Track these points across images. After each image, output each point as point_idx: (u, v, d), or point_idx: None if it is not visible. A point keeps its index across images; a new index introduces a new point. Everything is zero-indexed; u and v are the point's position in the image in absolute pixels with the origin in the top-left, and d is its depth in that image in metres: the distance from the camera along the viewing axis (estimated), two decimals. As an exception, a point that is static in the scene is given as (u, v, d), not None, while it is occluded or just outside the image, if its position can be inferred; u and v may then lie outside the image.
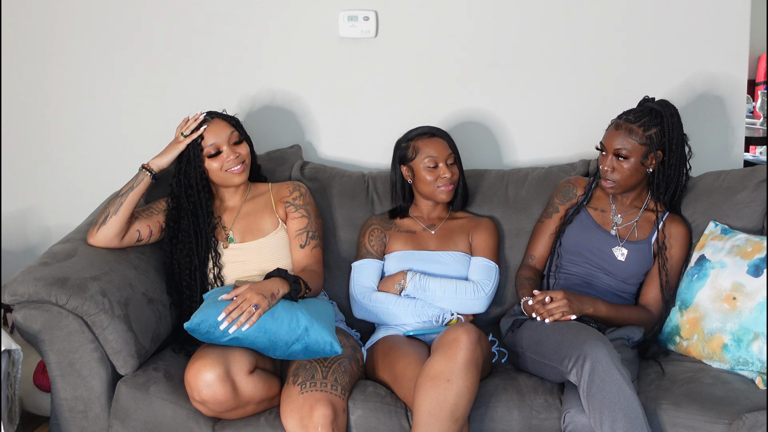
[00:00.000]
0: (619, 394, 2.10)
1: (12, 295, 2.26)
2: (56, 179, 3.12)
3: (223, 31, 3.01)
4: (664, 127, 2.51)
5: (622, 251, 2.55)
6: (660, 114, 2.52)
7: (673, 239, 2.56)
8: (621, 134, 2.51)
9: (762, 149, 5.34)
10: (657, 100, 2.57)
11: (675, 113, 2.55)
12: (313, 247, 2.53)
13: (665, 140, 2.52)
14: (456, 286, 2.56)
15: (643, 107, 2.55)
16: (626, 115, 2.55)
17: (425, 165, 2.63)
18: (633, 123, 2.51)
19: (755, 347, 2.30)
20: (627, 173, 2.52)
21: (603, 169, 2.54)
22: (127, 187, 2.45)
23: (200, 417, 2.24)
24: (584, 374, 2.13)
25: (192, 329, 2.22)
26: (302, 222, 2.54)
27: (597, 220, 2.61)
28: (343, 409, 2.20)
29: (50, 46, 3.04)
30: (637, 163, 2.51)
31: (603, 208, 2.63)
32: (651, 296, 2.55)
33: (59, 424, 2.32)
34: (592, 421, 2.12)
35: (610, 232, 2.59)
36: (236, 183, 2.54)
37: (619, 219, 2.60)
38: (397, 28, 2.98)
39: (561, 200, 2.68)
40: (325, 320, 2.27)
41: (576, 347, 2.19)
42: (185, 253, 2.49)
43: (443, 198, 2.65)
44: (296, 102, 3.04)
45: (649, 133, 2.50)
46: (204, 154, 2.49)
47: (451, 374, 2.12)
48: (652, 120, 2.51)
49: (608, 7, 2.94)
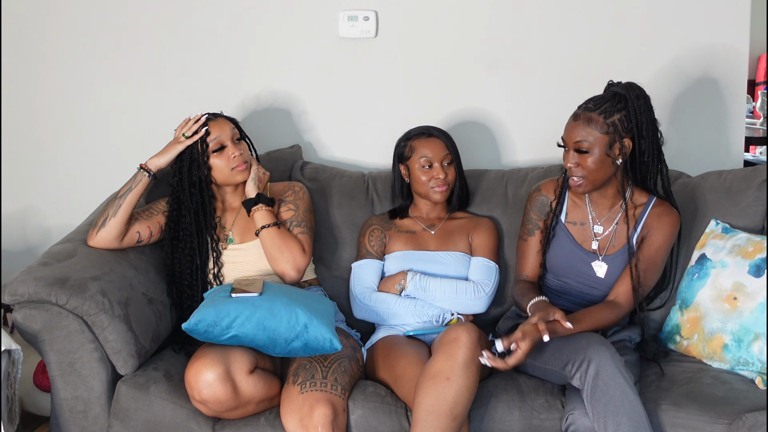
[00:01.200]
0: (623, 398, 2.09)
1: (12, 295, 2.26)
2: (56, 179, 3.12)
3: (222, 32, 3.01)
4: (629, 111, 2.29)
5: (601, 267, 2.43)
6: (623, 97, 2.30)
7: (653, 228, 2.39)
8: (579, 125, 2.30)
9: (762, 149, 5.34)
10: (622, 83, 2.35)
11: (641, 95, 2.32)
12: (298, 233, 2.53)
13: (632, 126, 2.30)
14: (456, 286, 2.56)
15: (605, 93, 2.34)
16: (585, 103, 2.34)
17: (420, 165, 2.63)
18: (592, 111, 2.29)
19: (756, 347, 2.30)
20: (592, 167, 2.31)
21: (566, 167, 2.35)
22: (126, 188, 2.45)
23: (200, 417, 2.24)
24: (588, 378, 2.12)
25: (190, 329, 2.22)
26: (288, 214, 2.55)
27: (576, 237, 2.47)
28: (343, 409, 2.20)
29: (50, 47, 3.04)
30: (601, 155, 2.30)
31: (581, 220, 2.47)
32: (621, 290, 2.38)
33: (59, 424, 2.32)
34: (596, 425, 2.11)
35: (590, 247, 2.46)
36: (240, 181, 2.53)
37: (599, 229, 2.45)
38: (397, 28, 2.98)
39: (538, 215, 2.52)
40: (324, 317, 2.27)
41: (579, 351, 2.17)
42: (187, 253, 2.49)
43: (437, 198, 2.65)
44: (296, 102, 3.04)
45: (611, 119, 2.28)
46: (210, 149, 2.49)
47: (450, 373, 2.13)
48: (615, 105, 2.29)
49: (607, 7, 2.94)
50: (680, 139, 2.94)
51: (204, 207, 2.51)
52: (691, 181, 2.69)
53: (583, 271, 2.46)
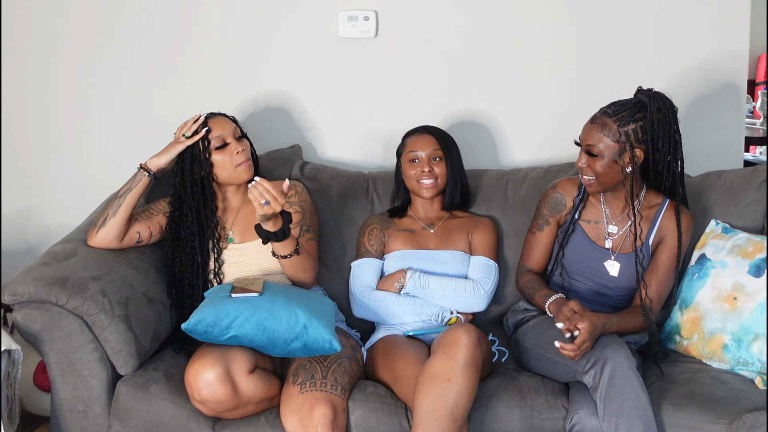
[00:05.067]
0: (637, 401, 2.10)
1: (12, 295, 2.26)
2: (56, 179, 3.12)
3: (223, 32, 3.01)
4: (646, 123, 2.30)
5: (614, 266, 2.44)
6: (645, 107, 2.30)
7: (670, 231, 2.41)
8: (594, 129, 2.32)
9: (762, 149, 5.34)
10: (650, 91, 2.35)
11: (663, 107, 2.31)
12: (307, 240, 2.52)
13: (647, 137, 2.30)
14: (456, 284, 2.56)
15: (630, 99, 2.35)
16: (607, 107, 2.35)
17: (408, 159, 2.67)
18: (610, 117, 2.30)
19: (755, 348, 2.30)
20: (600, 171, 2.33)
21: (578, 166, 2.38)
22: (126, 187, 2.45)
23: (200, 417, 2.24)
24: (604, 378, 2.12)
25: (190, 330, 2.22)
26: (296, 217, 2.54)
27: (590, 235, 2.48)
28: (343, 409, 2.20)
29: (51, 47, 3.04)
30: (609, 162, 2.32)
31: (596, 218, 2.48)
32: (648, 294, 2.41)
33: (59, 424, 2.32)
34: (606, 425, 2.11)
35: (604, 245, 2.46)
36: (245, 179, 2.52)
37: (613, 228, 2.47)
38: (397, 28, 2.98)
39: (550, 212, 2.53)
40: (324, 317, 2.27)
41: (596, 350, 2.18)
42: (188, 251, 2.49)
43: (424, 194, 2.65)
44: (296, 102, 3.04)
45: (625, 129, 2.29)
46: (211, 146, 2.49)
47: (451, 374, 2.12)
48: (633, 114, 2.30)
49: (607, 7, 2.94)
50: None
51: (206, 205, 2.51)
52: (691, 181, 2.69)
53: (597, 269, 2.46)
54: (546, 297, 2.41)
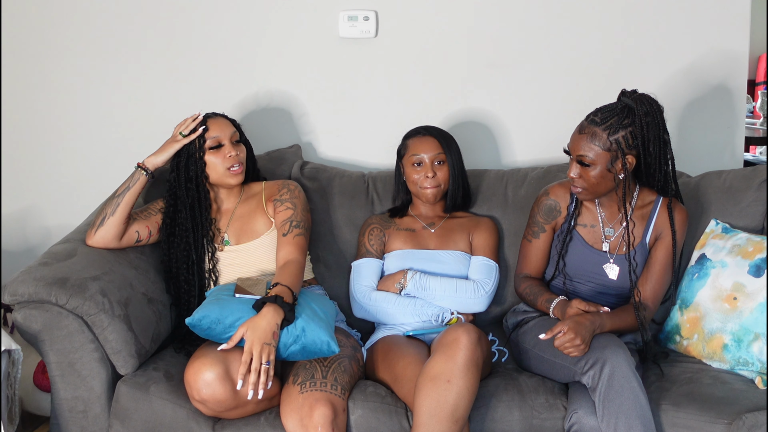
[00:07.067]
0: (636, 402, 2.10)
1: (12, 295, 2.26)
2: (56, 179, 3.12)
3: (223, 31, 3.01)
4: (635, 129, 2.27)
5: (613, 269, 2.44)
6: (632, 111, 2.27)
7: (666, 228, 2.40)
8: (584, 139, 2.28)
9: (762, 149, 5.34)
10: (634, 94, 2.31)
11: (651, 111, 2.28)
12: (295, 235, 2.49)
13: (637, 143, 2.28)
14: (456, 285, 2.56)
15: (615, 104, 2.30)
16: (593, 114, 2.30)
17: (411, 162, 2.65)
18: (598, 125, 2.27)
19: (755, 348, 2.30)
20: (593, 181, 2.31)
21: (569, 176, 2.35)
22: (123, 187, 2.45)
23: (200, 417, 2.24)
24: (603, 378, 2.12)
25: (193, 325, 2.22)
26: (287, 213, 2.53)
27: (587, 239, 2.46)
28: (343, 409, 2.20)
29: (50, 47, 3.04)
30: (603, 171, 2.29)
31: (592, 222, 2.46)
32: (645, 293, 2.40)
33: (59, 424, 2.32)
34: (604, 425, 2.11)
35: (601, 248, 2.45)
36: (232, 184, 2.53)
37: (610, 231, 2.45)
38: (397, 28, 2.98)
39: (545, 219, 2.50)
40: (322, 320, 2.27)
41: (595, 350, 2.18)
42: (183, 248, 2.50)
43: (427, 198, 2.65)
44: (296, 102, 3.04)
45: (615, 137, 2.26)
46: (206, 146, 2.49)
47: (451, 375, 2.12)
48: (621, 121, 2.26)
49: (607, 7, 2.94)
50: (680, 139, 2.94)
51: (200, 202, 2.51)
52: (691, 181, 2.69)
53: (596, 272, 2.46)
54: (548, 302, 2.42)
